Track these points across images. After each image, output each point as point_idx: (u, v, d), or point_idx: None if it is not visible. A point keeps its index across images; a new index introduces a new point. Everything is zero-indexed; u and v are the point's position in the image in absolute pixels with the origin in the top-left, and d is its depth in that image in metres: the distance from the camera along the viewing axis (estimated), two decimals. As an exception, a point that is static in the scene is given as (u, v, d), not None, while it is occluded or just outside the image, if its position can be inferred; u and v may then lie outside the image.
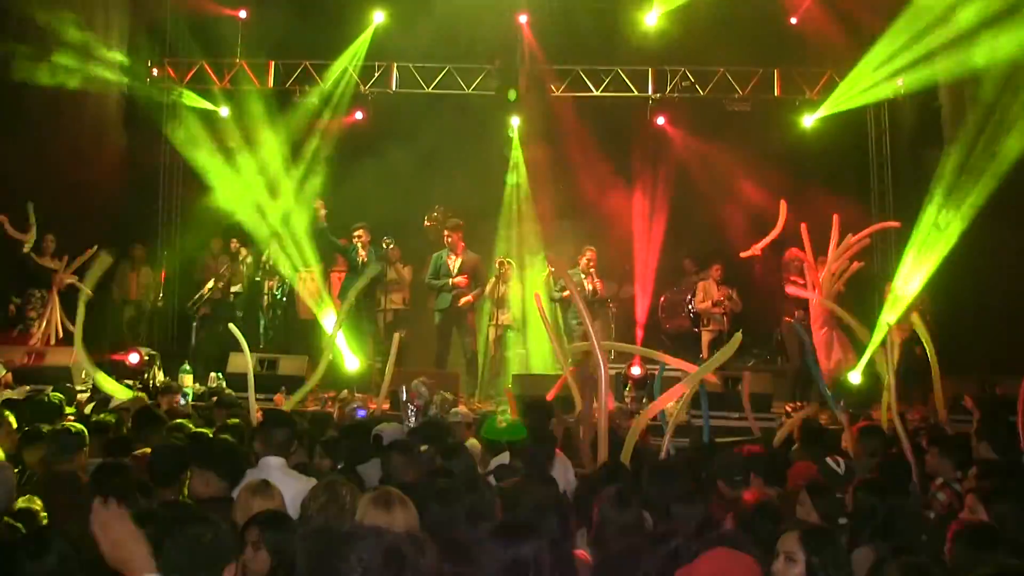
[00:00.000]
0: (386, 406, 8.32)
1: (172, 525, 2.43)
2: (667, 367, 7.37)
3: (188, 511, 2.53)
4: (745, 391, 8.10)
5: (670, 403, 8.97)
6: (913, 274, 9.73)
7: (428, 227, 12.31)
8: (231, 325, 8.28)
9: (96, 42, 11.65)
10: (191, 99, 13.22)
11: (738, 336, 5.98)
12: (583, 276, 10.99)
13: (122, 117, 12.81)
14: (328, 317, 10.25)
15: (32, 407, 6.35)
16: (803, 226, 10.05)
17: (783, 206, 10.93)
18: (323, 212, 10.80)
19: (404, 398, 7.23)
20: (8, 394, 7.74)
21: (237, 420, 6.08)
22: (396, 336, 8.63)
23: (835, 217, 10.08)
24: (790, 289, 10.29)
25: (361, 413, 7.75)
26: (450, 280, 10.80)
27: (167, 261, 12.94)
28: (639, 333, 12.30)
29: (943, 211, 9.86)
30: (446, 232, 11.03)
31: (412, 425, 6.67)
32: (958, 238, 9.82)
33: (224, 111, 13.18)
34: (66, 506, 3.97)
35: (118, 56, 12.26)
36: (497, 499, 4.06)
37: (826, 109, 12.74)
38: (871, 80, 11.84)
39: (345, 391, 9.47)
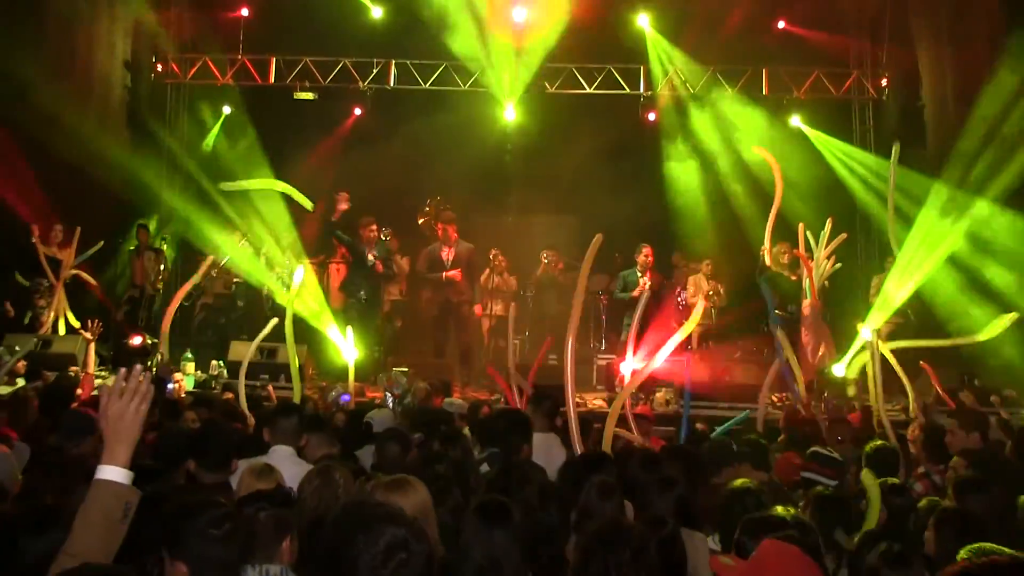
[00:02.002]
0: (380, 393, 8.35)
1: (190, 513, 2.42)
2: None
3: (208, 500, 2.51)
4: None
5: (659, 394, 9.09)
6: (902, 281, 9.51)
7: (422, 222, 12.30)
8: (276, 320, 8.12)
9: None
10: (210, 139, 13.31)
11: (700, 305, 5.86)
12: (639, 274, 10.80)
13: (126, 111, 12.77)
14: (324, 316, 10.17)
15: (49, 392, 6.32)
16: (800, 226, 10.06)
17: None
18: (343, 207, 10.34)
19: (384, 386, 7.24)
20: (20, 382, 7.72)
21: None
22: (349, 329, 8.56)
23: (800, 226, 10.07)
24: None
25: (345, 398, 7.75)
26: (443, 274, 10.71)
27: (168, 249, 12.92)
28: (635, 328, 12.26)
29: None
30: (439, 225, 10.97)
31: (391, 411, 6.69)
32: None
33: (227, 109, 13.19)
34: (72, 488, 3.97)
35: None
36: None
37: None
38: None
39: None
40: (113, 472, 2.31)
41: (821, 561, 3.05)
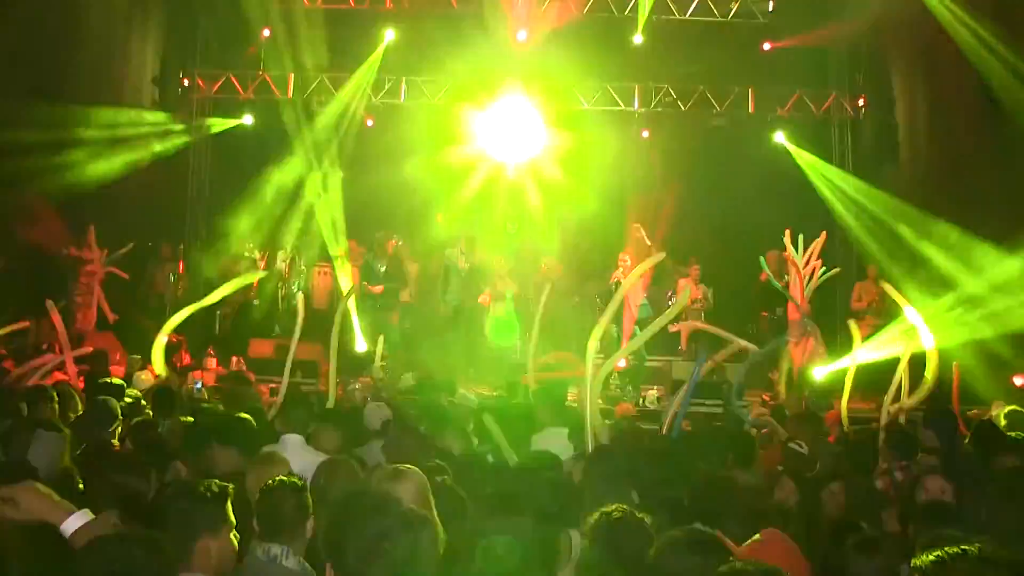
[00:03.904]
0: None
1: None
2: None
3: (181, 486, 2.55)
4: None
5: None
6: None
7: (441, 223, 12.39)
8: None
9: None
10: (218, 124, 13.27)
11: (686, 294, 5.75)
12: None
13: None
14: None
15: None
16: (787, 232, 10.13)
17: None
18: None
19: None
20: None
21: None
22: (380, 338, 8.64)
23: (786, 234, 10.12)
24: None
25: None
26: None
27: (191, 258, 12.95)
28: (626, 326, 12.28)
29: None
30: (461, 248, 11.10)
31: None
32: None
33: (248, 119, 13.23)
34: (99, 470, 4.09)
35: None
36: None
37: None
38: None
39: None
40: (75, 521, 2.33)
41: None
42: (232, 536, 2.48)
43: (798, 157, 12.86)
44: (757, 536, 2.43)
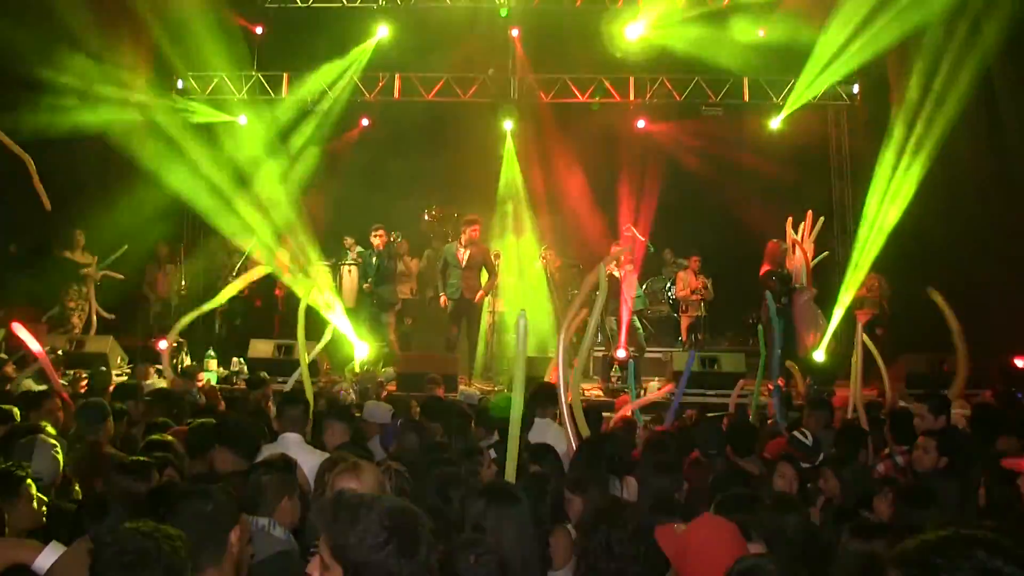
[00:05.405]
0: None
1: (176, 501, 2.52)
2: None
3: (189, 488, 2.62)
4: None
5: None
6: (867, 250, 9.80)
7: (428, 222, 12.38)
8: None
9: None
10: (207, 114, 13.23)
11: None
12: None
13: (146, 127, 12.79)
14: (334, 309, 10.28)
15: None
16: (788, 220, 10.21)
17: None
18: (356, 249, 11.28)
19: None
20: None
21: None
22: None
23: (788, 220, 10.21)
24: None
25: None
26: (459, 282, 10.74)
27: (189, 258, 12.94)
28: (624, 318, 12.32)
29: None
30: (463, 229, 11.04)
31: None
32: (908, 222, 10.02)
33: (243, 119, 13.22)
34: (91, 469, 4.25)
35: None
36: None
37: (788, 108, 12.82)
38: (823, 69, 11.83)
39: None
40: (48, 556, 2.34)
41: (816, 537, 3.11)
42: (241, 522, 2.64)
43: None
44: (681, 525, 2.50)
